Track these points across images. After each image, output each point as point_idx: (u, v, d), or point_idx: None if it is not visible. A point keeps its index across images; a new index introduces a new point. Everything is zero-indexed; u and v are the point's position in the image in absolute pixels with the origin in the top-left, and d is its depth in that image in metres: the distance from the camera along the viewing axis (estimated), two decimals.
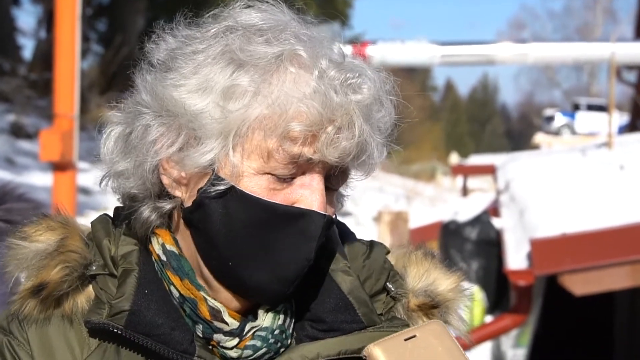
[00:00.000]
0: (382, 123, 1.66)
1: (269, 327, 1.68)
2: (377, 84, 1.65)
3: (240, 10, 1.68)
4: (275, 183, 1.60)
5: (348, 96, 1.57)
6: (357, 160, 1.62)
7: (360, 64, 1.66)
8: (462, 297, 1.83)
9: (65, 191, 10.25)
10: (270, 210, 1.60)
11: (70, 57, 10.30)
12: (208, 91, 1.60)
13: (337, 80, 1.57)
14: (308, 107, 1.55)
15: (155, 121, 1.64)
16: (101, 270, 1.71)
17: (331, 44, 1.68)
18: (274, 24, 1.64)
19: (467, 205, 15.35)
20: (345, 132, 1.57)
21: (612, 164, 10.13)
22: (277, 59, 1.58)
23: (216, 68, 1.60)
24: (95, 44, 31.75)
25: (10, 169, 17.20)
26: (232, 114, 1.57)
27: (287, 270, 1.63)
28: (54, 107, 10.47)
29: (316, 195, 1.61)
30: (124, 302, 1.65)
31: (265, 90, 1.56)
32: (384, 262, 1.81)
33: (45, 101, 21.09)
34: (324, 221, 1.61)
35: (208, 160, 1.60)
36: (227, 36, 1.62)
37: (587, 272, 7.81)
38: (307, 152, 1.57)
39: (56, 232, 1.74)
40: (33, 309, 1.70)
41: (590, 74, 72.65)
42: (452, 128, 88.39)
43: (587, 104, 51.06)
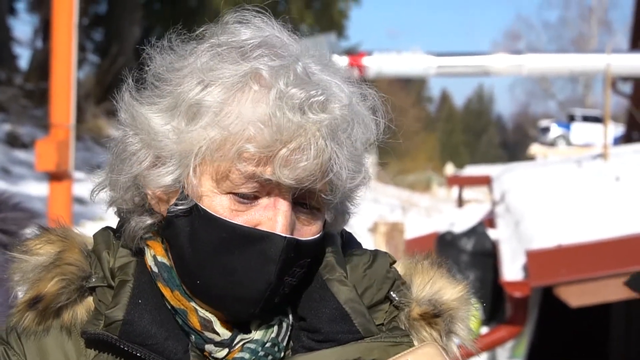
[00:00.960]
0: (355, 140, 1.64)
1: (260, 340, 1.69)
2: (350, 100, 1.64)
3: (230, 26, 1.69)
4: (238, 204, 1.61)
5: (308, 116, 1.55)
6: (322, 180, 1.60)
7: (334, 80, 1.65)
8: (468, 306, 1.82)
9: (61, 201, 10.19)
10: (230, 231, 1.60)
11: (66, 67, 10.24)
12: (175, 111, 1.62)
13: (298, 99, 1.55)
14: (258, 131, 1.54)
15: (133, 138, 1.67)
16: (100, 282, 1.73)
17: (312, 58, 1.68)
18: (254, 40, 1.65)
19: (463, 216, 15.33)
20: (303, 153, 1.55)
21: (607, 175, 10.13)
22: (243, 77, 1.58)
23: (187, 87, 1.62)
24: (91, 54, 31.77)
25: (6, 178, 17.18)
26: (189, 135, 1.59)
27: (249, 291, 1.63)
28: (50, 117, 10.41)
29: (279, 217, 1.60)
30: (117, 312, 1.66)
31: (226, 110, 1.57)
32: (387, 271, 1.79)
33: (41, 111, 21.10)
34: (283, 244, 1.60)
35: (168, 181, 1.64)
36: (203, 55, 1.64)
37: (583, 284, 7.81)
38: (263, 172, 1.56)
39: (55, 245, 1.76)
40: (32, 321, 1.71)
41: (586, 85, 72.75)
42: (447, 139, 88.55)
43: (583, 115, 51.11)
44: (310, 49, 1.72)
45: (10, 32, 28.58)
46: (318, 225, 1.69)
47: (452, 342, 1.80)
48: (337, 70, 1.71)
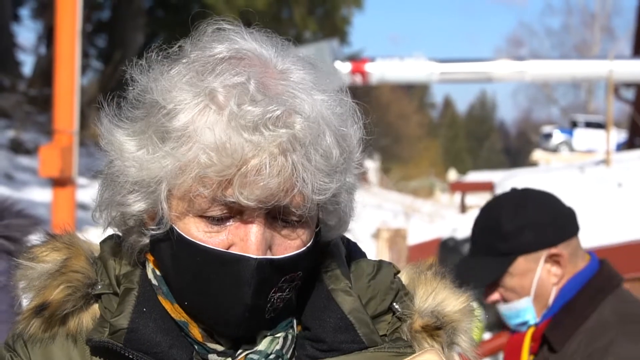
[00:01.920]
0: (327, 151, 1.58)
1: (263, 351, 1.68)
2: (319, 111, 1.59)
3: (204, 39, 1.67)
4: (210, 225, 1.59)
5: (263, 134, 1.51)
6: (287, 196, 1.55)
7: (298, 91, 1.59)
8: (470, 318, 1.81)
9: (65, 207, 10.27)
10: (204, 254, 1.59)
11: (70, 73, 10.31)
12: (146, 136, 1.61)
13: (251, 117, 1.51)
14: (213, 156, 1.51)
15: (115, 163, 1.65)
16: (106, 289, 1.73)
17: (286, 63, 1.65)
18: (219, 55, 1.62)
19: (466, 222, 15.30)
20: (260, 173, 1.52)
21: (610, 181, 10.15)
22: (202, 99, 1.55)
23: (155, 111, 1.60)
24: (94, 60, 31.89)
25: (10, 184, 17.20)
26: (151, 163, 1.58)
27: (228, 314, 1.62)
28: (53, 123, 10.48)
29: (250, 238, 1.58)
30: (122, 320, 1.66)
31: (186, 135, 1.55)
32: (391, 282, 1.79)
33: (44, 117, 21.16)
34: (254, 266, 1.57)
35: (141, 207, 1.63)
36: (170, 77, 1.61)
37: None
38: (225, 195, 1.54)
39: (61, 252, 1.76)
40: (38, 328, 1.72)
41: (588, 91, 72.76)
42: (450, 145, 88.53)
43: (585, 121, 51.05)
44: (287, 53, 1.69)
45: (14, 38, 28.68)
46: (303, 237, 1.65)
47: (454, 353, 1.80)
48: (312, 78, 1.66)
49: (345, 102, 1.69)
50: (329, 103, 1.63)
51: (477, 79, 16.15)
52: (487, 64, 15.47)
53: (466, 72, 15.38)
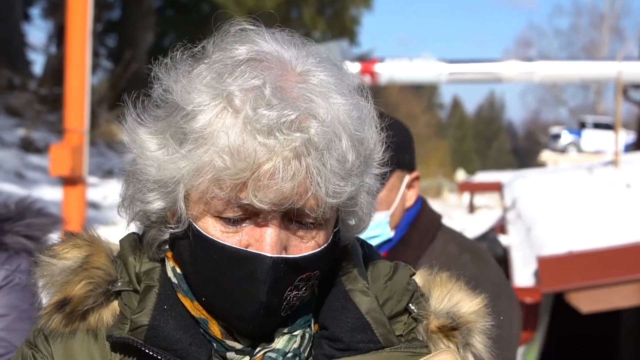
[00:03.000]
0: (342, 155, 1.59)
1: (281, 350, 1.69)
2: (336, 115, 1.59)
3: (224, 40, 1.68)
4: (227, 225, 1.61)
5: (277, 138, 1.52)
6: (302, 199, 1.57)
7: (314, 95, 1.59)
8: (485, 319, 1.82)
9: (75, 206, 10.18)
10: (221, 252, 1.61)
11: (80, 73, 10.22)
12: (167, 136, 1.63)
13: (266, 121, 1.52)
14: (228, 159, 1.52)
15: (137, 160, 1.68)
16: (126, 286, 1.75)
17: (306, 65, 1.64)
18: (239, 58, 1.62)
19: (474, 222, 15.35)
20: (274, 177, 1.53)
21: (618, 182, 10.17)
22: (222, 101, 1.57)
23: (174, 112, 1.62)
24: (105, 60, 31.86)
25: (20, 183, 17.17)
26: (169, 164, 1.60)
27: (244, 311, 1.63)
28: (64, 122, 10.41)
29: (265, 238, 1.59)
30: (143, 317, 1.68)
31: (203, 137, 1.56)
32: (408, 283, 1.80)
33: (55, 116, 21.11)
34: (269, 264, 1.59)
35: (159, 206, 1.66)
36: (192, 78, 1.62)
37: (594, 290, 7.76)
38: (240, 198, 1.55)
39: (82, 249, 1.78)
40: (59, 324, 1.74)
41: (597, 92, 72.58)
42: (458, 145, 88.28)
43: (594, 122, 51.02)
44: (309, 54, 1.68)
45: (24, 38, 28.62)
46: (319, 239, 1.66)
47: (469, 354, 1.81)
48: (333, 81, 1.65)
49: (364, 105, 1.69)
50: (347, 106, 1.63)
51: (485, 80, 16.16)
52: (496, 65, 15.47)
53: (475, 72, 15.38)
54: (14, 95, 22.78)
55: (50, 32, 28.52)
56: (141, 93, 1.71)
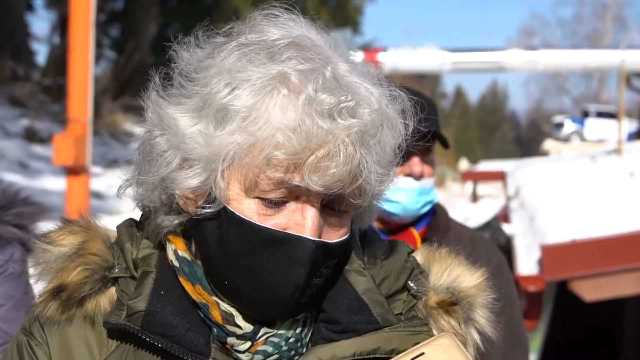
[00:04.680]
0: (384, 144, 1.61)
1: (284, 334, 1.68)
2: (380, 104, 1.61)
3: (258, 23, 1.67)
4: (266, 208, 1.59)
5: (337, 122, 1.53)
6: (351, 186, 1.58)
7: (363, 83, 1.61)
8: (486, 293, 1.82)
9: (79, 195, 10.18)
10: (259, 234, 1.59)
11: (83, 63, 10.25)
12: (202, 112, 1.60)
13: (327, 105, 1.53)
14: (286, 138, 1.52)
15: (160, 138, 1.65)
16: (123, 273, 1.74)
17: (341, 58, 1.65)
18: (283, 41, 1.62)
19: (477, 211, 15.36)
20: (332, 160, 1.53)
21: (621, 171, 10.21)
22: (272, 81, 1.56)
23: (215, 89, 1.60)
24: (108, 50, 31.68)
25: (24, 173, 17.17)
26: (217, 139, 1.58)
27: (277, 294, 1.62)
28: (67, 112, 10.40)
29: (307, 222, 1.59)
30: (139, 302, 1.67)
31: (254, 115, 1.55)
32: (405, 261, 1.80)
33: (58, 106, 21.05)
34: (312, 247, 1.58)
35: (196, 183, 1.62)
36: (230, 55, 1.62)
37: (597, 278, 7.86)
38: (292, 178, 1.55)
39: (78, 235, 1.78)
40: (55, 311, 1.72)
41: (600, 81, 72.57)
42: (461, 134, 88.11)
43: (597, 111, 50.93)
44: (339, 47, 1.68)
45: (28, 28, 28.55)
46: (346, 227, 1.67)
47: (472, 329, 1.80)
48: (366, 70, 1.67)
49: (399, 95, 1.70)
50: (388, 97, 1.65)
51: (489, 69, 16.15)
52: (499, 54, 15.49)
53: (478, 61, 15.39)
54: (18, 85, 22.72)
55: (54, 23, 28.46)
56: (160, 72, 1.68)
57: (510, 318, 3.31)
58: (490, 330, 1.81)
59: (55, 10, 28.18)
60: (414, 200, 3.27)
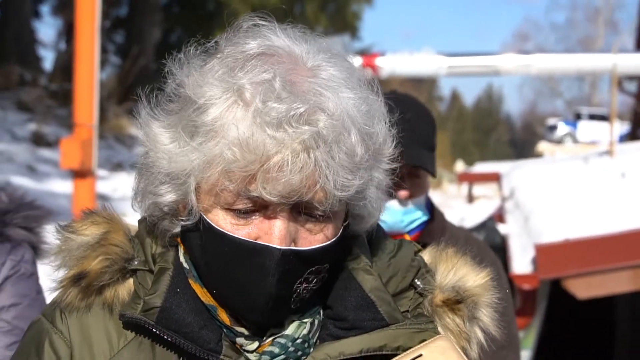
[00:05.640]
0: (351, 147, 1.58)
1: (290, 335, 1.69)
2: (342, 108, 1.58)
3: (238, 35, 1.68)
4: (237, 218, 1.60)
5: (287, 131, 1.51)
6: (310, 192, 1.56)
7: (327, 89, 1.58)
8: (491, 292, 1.83)
9: (85, 198, 10.27)
10: (231, 244, 1.60)
11: (89, 68, 10.36)
12: (179, 129, 1.63)
13: (276, 115, 1.51)
14: (237, 152, 1.52)
15: (149, 154, 1.69)
16: (142, 266, 1.76)
17: (317, 60, 1.64)
18: (251, 52, 1.62)
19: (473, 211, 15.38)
20: (282, 169, 1.52)
21: (613, 172, 10.17)
22: (231, 94, 1.57)
23: (186, 105, 1.62)
24: (113, 55, 31.78)
25: (32, 176, 17.24)
26: (180, 156, 1.61)
27: (255, 302, 1.63)
28: (73, 117, 10.51)
29: (273, 230, 1.59)
30: (156, 298, 1.69)
31: (214, 130, 1.57)
32: (412, 260, 1.82)
33: (65, 111, 21.15)
34: (278, 256, 1.58)
35: (171, 198, 1.67)
36: (204, 71, 1.63)
37: (590, 277, 7.90)
38: (249, 190, 1.55)
39: (100, 226, 1.79)
40: (75, 297, 1.75)
41: (592, 84, 72.40)
42: (457, 137, 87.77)
43: (589, 113, 50.91)
44: (320, 50, 1.68)
45: (34, 34, 28.57)
46: (328, 231, 1.65)
47: (476, 327, 1.81)
48: (348, 73, 1.66)
49: (373, 99, 1.68)
50: (357, 101, 1.62)
51: (484, 73, 16.06)
52: (494, 58, 15.39)
53: (474, 65, 15.28)
54: (25, 90, 22.81)
55: (60, 29, 28.40)
56: (151, 87, 1.72)
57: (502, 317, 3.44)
58: (494, 329, 1.83)
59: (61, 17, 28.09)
60: (399, 220, 3.34)
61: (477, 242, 3.67)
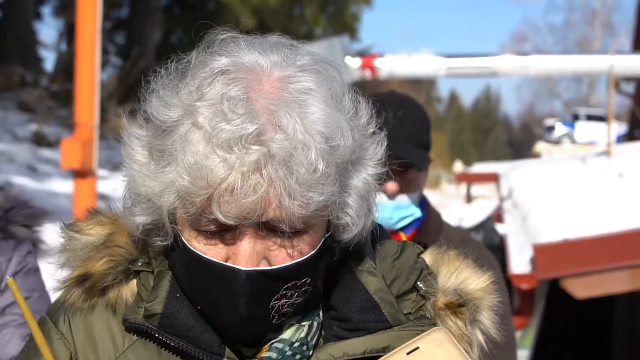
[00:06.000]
0: (308, 164, 1.51)
1: (287, 340, 1.68)
2: (300, 126, 1.52)
3: (207, 53, 1.64)
4: (208, 239, 1.59)
5: (235, 153, 1.48)
6: (268, 211, 1.52)
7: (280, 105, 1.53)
8: (492, 295, 1.82)
9: (86, 197, 10.29)
10: (202, 264, 1.59)
11: (90, 69, 10.38)
12: (146, 151, 1.62)
13: (225, 137, 1.48)
14: (190, 177, 1.50)
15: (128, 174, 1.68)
16: (146, 267, 1.75)
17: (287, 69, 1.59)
18: (214, 70, 1.58)
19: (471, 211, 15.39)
20: (233, 192, 1.49)
21: (611, 172, 10.20)
22: (186, 116, 1.55)
23: (155, 128, 1.61)
24: (113, 56, 31.81)
25: (33, 176, 17.27)
26: (144, 181, 1.59)
27: (229, 321, 1.62)
28: (74, 117, 10.52)
29: (239, 251, 1.57)
30: (156, 305, 1.68)
31: (171, 156, 1.55)
32: (415, 262, 1.80)
33: (66, 111, 21.15)
34: (242, 278, 1.56)
35: (143, 221, 1.66)
36: (169, 95, 1.60)
37: (588, 276, 7.92)
38: (208, 213, 1.53)
39: (105, 227, 1.78)
40: (78, 298, 1.74)
41: (590, 85, 72.42)
42: (456, 137, 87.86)
43: (587, 114, 50.95)
44: (295, 60, 1.63)
45: (36, 35, 28.59)
46: (302, 247, 1.61)
47: (477, 330, 1.80)
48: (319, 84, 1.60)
49: (348, 108, 1.64)
50: (322, 113, 1.56)
51: (482, 74, 16.07)
52: (492, 59, 15.39)
53: (472, 66, 15.29)
54: (26, 91, 22.85)
55: (61, 30, 28.41)
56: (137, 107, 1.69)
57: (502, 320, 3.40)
58: (494, 332, 1.82)
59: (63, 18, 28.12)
60: (388, 216, 3.29)
61: (474, 242, 3.64)
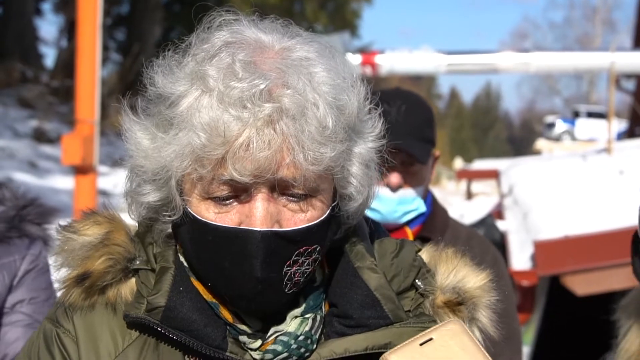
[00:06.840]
0: (318, 121, 1.57)
1: (293, 333, 1.70)
2: (307, 83, 1.58)
3: (208, 32, 1.69)
4: (219, 206, 1.61)
5: (249, 109, 1.53)
6: (282, 168, 1.56)
7: (289, 67, 1.59)
8: (490, 294, 1.84)
9: (86, 194, 10.14)
10: (214, 232, 1.61)
11: (90, 65, 10.26)
12: (151, 129, 1.66)
13: (238, 94, 1.53)
14: (205, 137, 1.54)
15: (132, 157, 1.72)
16: (144, 265, 1.77)
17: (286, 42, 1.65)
18: (217, 43, 1.64)
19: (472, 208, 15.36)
20: (249, 148, 1.53)
21: (611, 169, 10.22)
22: (195, 83, 1.60)
23: (161, 104, 1.65)
24: (114, 53, 31.82)
25: (33, 172, 17.26)
26: (156, 152, 1.63)
27: (243, 288, 1.63)
28: (75, 113, 10.38)
29: (254, 212, 1.59)
30: (159, 298, 1.70)
31: (183, 121, 1.59)
32: (414, 260, 1.82)
33: (66, 107, 21.19)
34: (258, 238, 1.58)
35: (153, 199, 1.69)
36: (176, 69, 1.65)
37: (589, 273, 7.93)
38: (222, 174, 1.56)
39: (102, 226, 1.80)
40: (78, 297, 1.76)
41: (590, 82, 72.54)
42: (456, 134, 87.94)
43: (587, 111, 50.96)
44: (296, 38, 1.68)
45: (36, 32, 28.61)
46: (313, 211, 1.65)
47: (475, 328, 1.82)
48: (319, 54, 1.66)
49: (346, 73, 1.68)
50: (325, 74, 1.62)
51: (482, 71, 16.05)
52: (493, 56, 15.41)
53: (472, 63, 15.31)
54: (27, 87, 22.84)
55: (62, 27, 28.35)
56: (137, 92, 1.75)
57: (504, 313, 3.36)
58: (492, 330, 1.84)
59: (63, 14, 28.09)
60: (392, 210, 3.27)
61: (479, 239, 3.62)
